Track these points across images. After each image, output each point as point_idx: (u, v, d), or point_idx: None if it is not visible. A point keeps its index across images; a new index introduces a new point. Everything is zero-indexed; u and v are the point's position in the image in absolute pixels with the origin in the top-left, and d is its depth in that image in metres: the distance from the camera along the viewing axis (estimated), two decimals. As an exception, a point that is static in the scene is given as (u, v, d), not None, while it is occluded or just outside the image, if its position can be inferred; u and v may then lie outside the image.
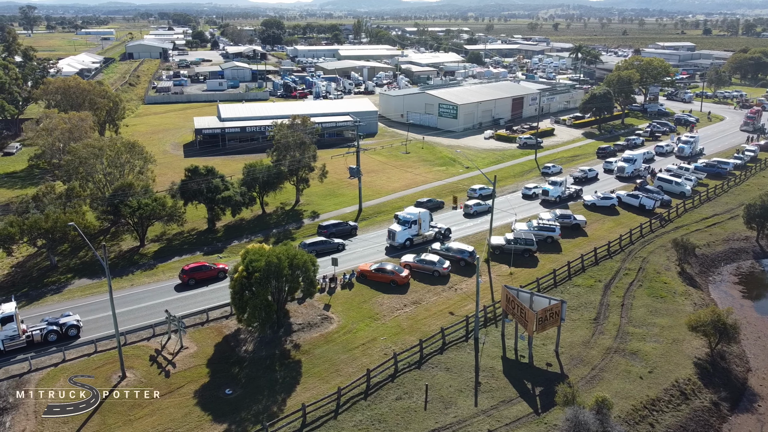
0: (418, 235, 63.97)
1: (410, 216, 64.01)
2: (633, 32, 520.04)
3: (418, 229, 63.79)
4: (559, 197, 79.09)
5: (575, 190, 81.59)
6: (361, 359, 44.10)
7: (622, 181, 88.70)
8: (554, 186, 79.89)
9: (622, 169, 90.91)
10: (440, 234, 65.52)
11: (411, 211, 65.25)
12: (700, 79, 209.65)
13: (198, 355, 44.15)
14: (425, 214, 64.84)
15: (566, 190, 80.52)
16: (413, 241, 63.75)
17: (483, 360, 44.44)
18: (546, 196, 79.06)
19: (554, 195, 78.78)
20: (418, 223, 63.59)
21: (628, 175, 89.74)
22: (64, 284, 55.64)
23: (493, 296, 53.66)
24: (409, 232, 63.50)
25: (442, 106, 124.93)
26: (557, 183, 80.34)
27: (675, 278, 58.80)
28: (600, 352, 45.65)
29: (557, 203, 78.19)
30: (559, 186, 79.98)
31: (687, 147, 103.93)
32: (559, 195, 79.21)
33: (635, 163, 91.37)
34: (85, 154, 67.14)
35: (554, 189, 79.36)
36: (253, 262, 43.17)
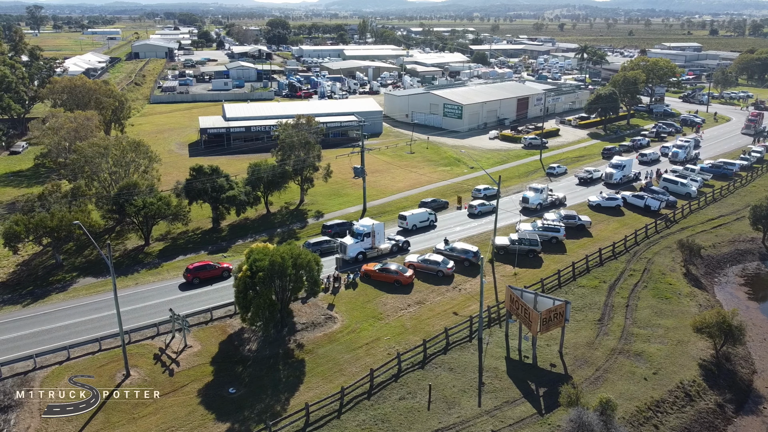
0: (372, 248, 59.42)
1: (363, 228, 59.39)
2: (639, 33, 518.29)
3: (371, 242, 59.36)
4: (540, 205, 74.81)
5: (558, 197, 77.83)
6: (365, 359, 44.09)
7: (610, 188, 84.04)
8: (535, 193, 75.62)
9: (609, 175, 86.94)
10: (397, 247, 61.49)
11: (364, 223, 60.70)
12: (706, 79, 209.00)
13: (202, 353, 44.24)
14: (379, 226, 60.44)
15: (548, 197, 76.45)
16: (366, 255, 59.16)
17: (487, 360, 44.36)
18: (526, 204, 74.48)
19: (535, 202, 74.61)
20: (371, 236, 59.01)
21: (616, 182, 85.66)
22: (69, 282, 55.84)
23: (497, 297, 53.58)
24: (362, 245, 58.93)
25: (447, 106, 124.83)
26: (538, 190, 76.01)
27: (680, 279, 58.55)
28: (604, 353, 45.51)
29: (538, 211, 73.84)
30: (541, 193, 75.75)
31: (681, 152, 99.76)
32: (540, 202, 74.95)
33: (624, 169, 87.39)
34: (90, 153, 67.38)
35: (535, 196, 75.04)
36: (257, 262, 43.22)
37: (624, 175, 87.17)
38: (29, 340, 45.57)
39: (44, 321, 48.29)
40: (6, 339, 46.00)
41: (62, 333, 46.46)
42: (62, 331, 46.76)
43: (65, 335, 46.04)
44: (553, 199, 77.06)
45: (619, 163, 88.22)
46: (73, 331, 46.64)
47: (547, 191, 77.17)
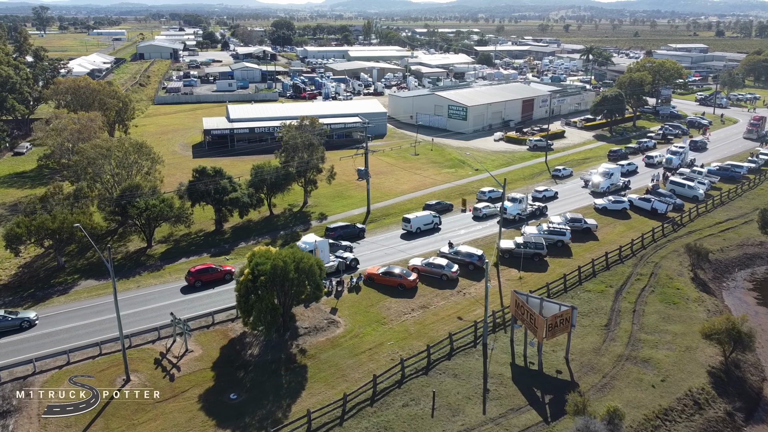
0: None
1: (305, 246, 54.13)
2: (645, 34, 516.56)
3: None
4: (519, 215, 71.48)
5: (538, 207, 73.88)
6: (368, 364, 43.51)
7: (597, 197, 79.51)
8: (513, 203, 71.91)
9: (596, 184, 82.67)
10: (344, 265, 56.70)
11: (307, 240, 56.22)
12: (712, 81, 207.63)
13: (203, 358, 43.74)
14: (323, 243, 55.58)
15: (527, 208, 72.68)
16: None
17: (491, 366, 43.72)
18: (504, 214, 68.45)
19: (513, 213, 70.95)
20: (314, 254, 52.56)
21: (603, 190, 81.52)
22: (70, 285, 55.46)
23: (502, 301, 52.91)
24: None
25: (452, 108, 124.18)
26: (517, 200, 72.21)
27: (688, 284, 57.76)
28: (611, 360, 44.79)
29: (516, 222, 70.85)
30: (519, 203, 72.03)
31: (675, 158, 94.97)
32: (519, 213, 71.48)
33: (612, 177, 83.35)
34: (93, 155, 67.05)
35: (513, 206, 71.44)
36: (259, 266, 42.71)
37: (612, 183, 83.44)
38: (29, 344, 45.21)
39: (45, 324, 47.90)
40: (5, 342, 45.64)
41: (63, 336, 46.06)
42: (63, 335, 46.36)
43: (66, 339, 45.65)
44: (533, 210, 73.06)
45: (607, 171, 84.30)
46: (73, 335, 46.24)
47: (527, 201, 73.23)
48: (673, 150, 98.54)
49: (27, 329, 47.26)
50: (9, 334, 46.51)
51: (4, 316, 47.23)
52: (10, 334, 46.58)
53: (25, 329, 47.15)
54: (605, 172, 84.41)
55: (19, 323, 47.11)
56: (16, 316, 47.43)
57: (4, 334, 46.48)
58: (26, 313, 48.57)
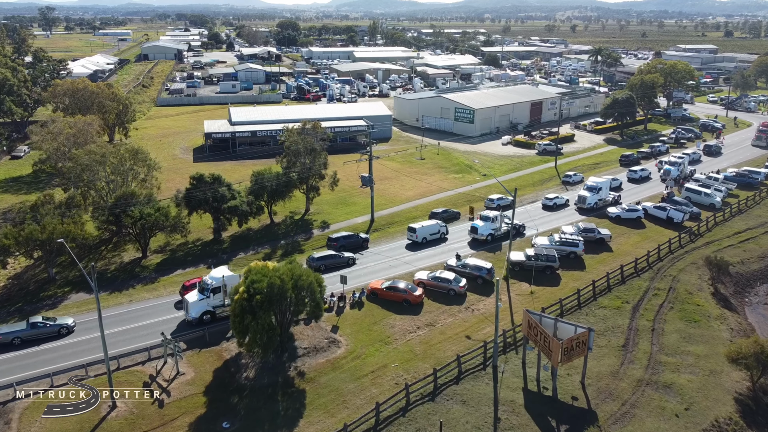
0: (222, 305, 47.97)
1: (210, 282, 48.14)
2: (652, 34, 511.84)
3: (222, 297, 47.84)
4: (491, 235, 65.51)
5: (515, 225, 65.88)
6: (371, 389, 40.81)
7: (583, 213, 74.37)
8: (485, 222, 65.95)
9: (583, 198, 76.08)
10: None
11: (214, 275, 48.85)
12: (724, 83, 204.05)
13: (195, 382, 41.13)
14: (232, 279, 47.76)
15: (501, 227, 66.41)
16: (215, 313, 47.96)
17: (502, 392, 40.94)
18: (474, 234, 65.42)
19: (484, 233, 65.18)
20: (222, 291, 47.69)
21: (590, 206, 75.40)
22: (60, 299, 53.01)
23: (513, 319, 50.10)
24: (209, 302, 47.86)
25: (459, 111, 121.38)
26: (488, 218, 65.93)
27: (708, 300, 54.78)
28: (630, 385, 41.94)
29: (488, 243, 65.19)
30: (491, 222, 65.90)
31: (674, 169, 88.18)
32: (491, 233, 65.51)
33: (600, 192, 76.83)
34: (87, 161, 64.64)
35: (484, 226, 65.42)
36: (254, 283, 40.08)
37: (600, 198, 76.69)
38: (12, 365, 42.79)
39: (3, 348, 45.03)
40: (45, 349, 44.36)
41: (48, 357, 43.61)
42: (48, 355, 43.93)
43: (51, 359, 43.20)
44: (508, 228, 64.62)
45: (594, 185, 77.46)
46: (59, 355, 43.80)
47: (502, 219, 66.57)
48: (671, 160, 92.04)
49: (66, 336, 46.33)
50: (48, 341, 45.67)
51: (43, 322, 46.31)
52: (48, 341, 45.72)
53: (63, 336, 46.26)
54: (592, 187, 77.60)
55: (58, 329, 46.35)
56: (55, 323, 46.63)
57: (44, 340, 45.54)
58: (64, 319, 47.68)
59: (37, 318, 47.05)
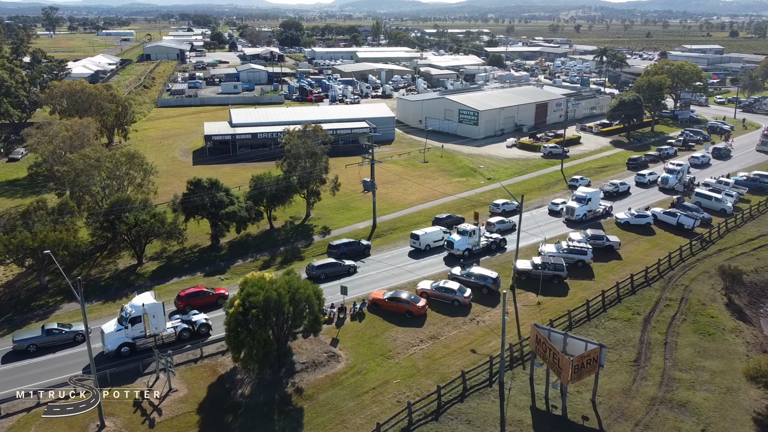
0: (144, 336, 44.08)
1: (131, 311, 43.84)
2: (657, 34, 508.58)
3: (144, 328, 43.86)
4: (469, 251, 61.45)
5: (495, 240, 63.67)
6: (371, 407, 39.00)
7: (571, 226, 70.53)
8: (462, 236, 61.50)
9: (571, 210, 71.98)
10: (188, 332, 45.69)
11: (135, 303, 44.54)
12: (731, 84, 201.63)
13: (188, 399, 39.36)
14: (155, 307, 44.21)
15: (481, 241, 62.54)
16: (135, 345, 43.77)
17: (509, 411, 39.09)
18: (451, 249, 61.50)
19: (461, 248, 60.92)
20: (143, 321, 43.47)
21: (578, 218, 71.26)
22: (51, 308, 51.40)
23: (520, 331, 48.24)
24: (127, 333, 43.62)
25: (463, 112, 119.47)
26: (466, 232, 61.47)
27: (722, 311, 52.81)
28: (643, 403, 40.03)
29: (466, 258, 60.94)
30: (470, 236, 61.42)
31: (672, 177, 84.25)
32: (469, 248, 61.48)
33: (590, 203, 72.53)
34: (81, 166, 62.96)
35: (461, 240, 61.07)
36: (250, 296, 38.33)
37: (590, 209, 72.46)
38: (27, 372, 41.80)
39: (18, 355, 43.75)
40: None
41: (37, 371, 41.96)
42: (37, 369, 42.28)
43: (39, 374, 41.54)
44: (488, 243, 62.90)
45: (583, 196, 72.69)
46: (48, 369, 42.17)
47: (480, 233, 62.75)
48: (669, 168, 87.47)
49: (81, 343, 45.16)
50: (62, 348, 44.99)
51: (59, 329, 45.45)
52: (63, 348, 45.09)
53: (79, 343, 45.42)
54: (581, 197, 72.79)
55: (73, 336, 45.67)
56: (70, 329, 45.96)
57: (59, 347, 44.82)
58: (79, 325, 46.62)
59: (52, 325, 46.13)
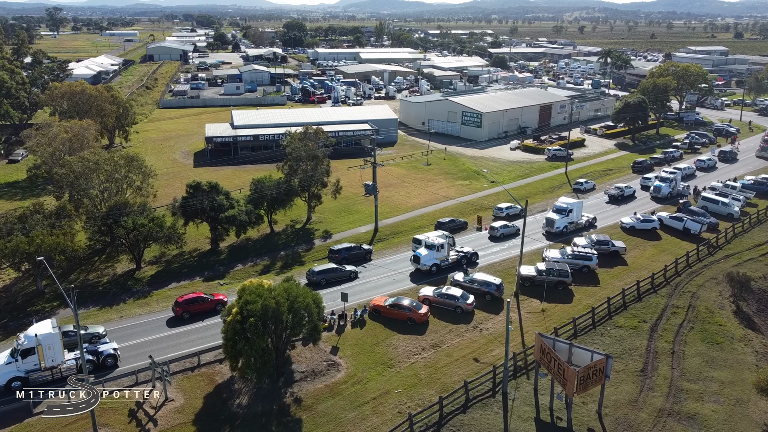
0: (37, 370, 40.20)
1: (23, 341, 40.25)
2: (661, 35, 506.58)
3: (38, 360, 39.90)
4: (437, 266, 57.75)
5: (466, 254, 59.88)
6: (372, 418, 38.07)
7: (551, 238, 66.60)
8: (430, 250, 57.65)
9: (550, 222, 67.60)
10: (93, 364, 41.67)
11: (30, 333, 40.62)
12: (737, 86, 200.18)
13: (184, 409, 38.50)
14: (50, 339, 40.06)
15: (450, 255, 59.05)
16: (28, 380, 40.12)
17: (513, 423, 38.11)
18: (417, 264, 57.69)
19: (428, 263, 57.29)
20: (37, 353, 39.67)
21: (559, 231, 66.76)
22: (48, 314, 50.47)
23: (524, 339, 47.26)
24: (18, 367, 39.91)
25: (466, 114, 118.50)
26: (434, 246, 57.68)
27: (731, 319, 51.75)
28: (651, 415, 39.02)
29: (434, 274, 57.26)
30: (438, 250, 57.62)
31: (665, 186, 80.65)
32: (437, 263, 57.76)
33: (571, 214, 68.07)
34: (80, 169, 62.24)
35: (428, 255, 57.23)
36: (248, 304, 37.44)
37: (571, 221, 68.32)
38: None
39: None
40: None
41: (30, 379, 41.09)
42: (30, 377, 41.38)
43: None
44: (458, 257, 59.33)
45: (564, 207, 68.32)
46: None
47: (450, 246, 59.30)
48: (662, 176, 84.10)
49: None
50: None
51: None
52: None
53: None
54: (561, 208, 68.39)
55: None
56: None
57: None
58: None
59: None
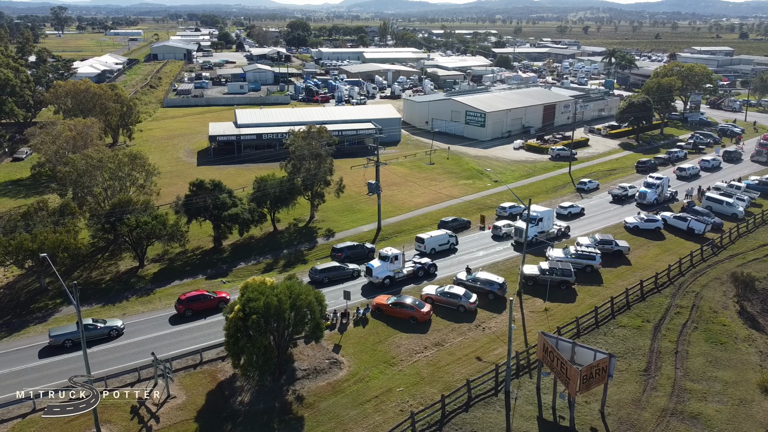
0: None
1: None
2: (666, 36, 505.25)
3: None
4: (390, 278, 54.46)
5: (423, 265, 56.84)
6: (373, 417, 38.02)
7: (518, 249, 62.43)
8: (382, 262, 54.51)
9: (519, 231, 62.92)
10: None
11: None
12: (742, 86, 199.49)
13: (186, 406, 38.51)
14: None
15: (404, 268, 55.59)
16: None
17: (515, 421, 38.01)
18: (369, 276, 54.69)
19: (380, 275, 54.03)
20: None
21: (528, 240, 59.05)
22: (51, 311, 50.72)
23: (527, 338, 47.15)
24: None
25: (470, 114, 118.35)
26: (387, 258, 54.32)
27: (735, 319, 51.50)
28: (654, 415, 38.86)
29: (386, 287, 54.08)
30: (391, 262, 54.36)
31: (650, 192, 78.11)
32: (390, 275, 54.49)
33: (541, 223, 64.22)
34: (83, 166, 62.36)
35: (380, 267, 54.16)
36: (250, 302, 37.44)
37: (541, 230, 64.70)
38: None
39: (15, 360, 43.15)
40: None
41: (33, 376, 41.23)
42: (33, 374, 41.56)
43: (36, 379, 40.79)
44: (415, 269, 56.29)
45: (533, 216, 63.59)
46: (45, 374, 41.40)
47: (403, 258, 55.71)
48: (648, 182, 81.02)
49: (115, 338, 46.21)
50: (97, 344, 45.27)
51: (93, 324, 45.48)
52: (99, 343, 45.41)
53: (113, 338, 46.15)
54: (532, 218, 63.05)
55: (108, 332, 46.05)
56: (105, 325, 46.29)
57: (94, 343, 44.84)
58: (114, 321, 47.42)
59: (87, 320, 45.96)
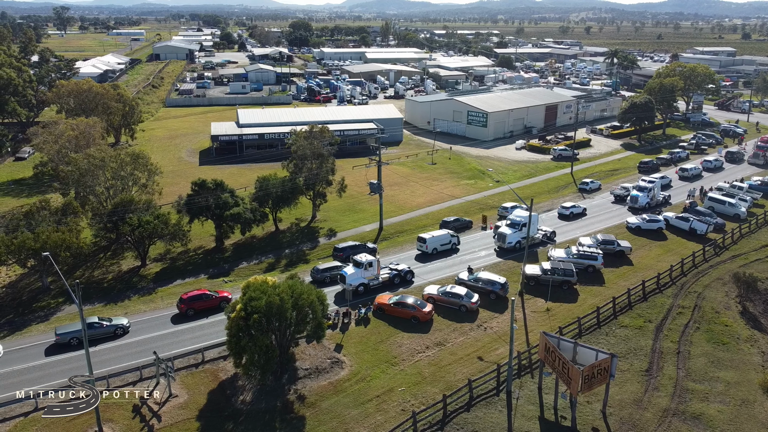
0: None
1: None
2: (668, 36, 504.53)
3: None
4: (364, 285, 52.56)
5: (399, 273, 54.92)
6: (375, 416, 38.03)
7: (501, 255, 61.69)
8: (357, 269, 52.69)
9: (502, 237, 62.57)
10: None
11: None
12: (744, 87, 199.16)
13: (188, 405, 38.55)
14: None
15: (378, 275, 53.72)
16: None
17: (517, 421, 38.00)
18: (342, 284, 52.45)
19: (354, 282, 52.07)
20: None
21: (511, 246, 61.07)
22: (53, 310, 50.82)
23: (528, 339, 47.13)
24: None
25: (471, 114, 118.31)
26: (361, 264, 52.58)
27: (737, 319, 51.42)
28: (655, 415, 38.82)
29: (361, 294, 52.19)
30: (365, 269, 52.57)
31: (642, 195, 76.84)
32: (364, 282, 52.58)
33: (523, 229, 60.97)
34: (85, 166, 62.45)
35: (354, 274, 52.34)
36: (252, 301, 37.49)
37: (524, 237, 60.12)
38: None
39: (17, 359, 43.22)
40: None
41: (35, 375, 41.31)
42: (35, 372, 41.64)
43: (37, 378, 40.86)
44: (390, 275, 54.45)
45: (517, 220, 62.92)
46: (47, 373, 41.48)
47: (378, 264, 54.04)
48: (640, 185, 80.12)
49: (121, 336, 46.35)
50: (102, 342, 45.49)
51: (99, 323, 45.96)
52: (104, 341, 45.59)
53: (119, 336, 46.31)
54: (515, 222, 62.96)
55: (114, 330, 46.23)
56: (110, 323, 46.50)
57: (99, 341, 45.12)
58: (119, 319, 47.68)
59: (93, 318, 46.22)
